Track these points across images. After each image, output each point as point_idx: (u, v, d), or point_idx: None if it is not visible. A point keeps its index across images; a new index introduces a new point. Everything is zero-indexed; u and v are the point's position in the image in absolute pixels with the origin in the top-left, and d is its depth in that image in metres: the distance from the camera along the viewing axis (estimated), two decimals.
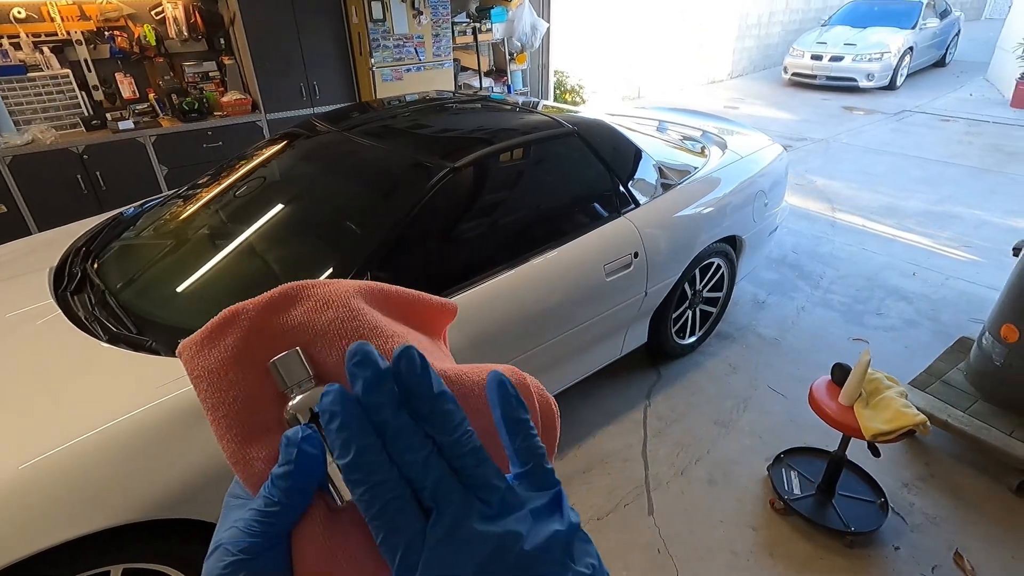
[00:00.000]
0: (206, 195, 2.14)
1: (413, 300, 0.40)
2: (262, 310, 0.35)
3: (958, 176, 5.20)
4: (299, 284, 0.36)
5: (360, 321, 0.35)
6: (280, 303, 0.35)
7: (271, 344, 0.34)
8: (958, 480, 2.14)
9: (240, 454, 0.32)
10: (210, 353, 0.34)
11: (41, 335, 1.58)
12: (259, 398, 0.33)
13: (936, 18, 9.44)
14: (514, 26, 5.25)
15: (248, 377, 0.33)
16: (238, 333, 0.34)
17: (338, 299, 0.36)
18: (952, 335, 2.80)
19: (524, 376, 0.36)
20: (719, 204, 2.52)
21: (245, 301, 0.35)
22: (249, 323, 0.34)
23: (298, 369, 0.32)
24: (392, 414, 0.26)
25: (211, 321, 0.35)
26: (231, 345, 0.34)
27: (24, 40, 3.46)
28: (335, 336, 0.34)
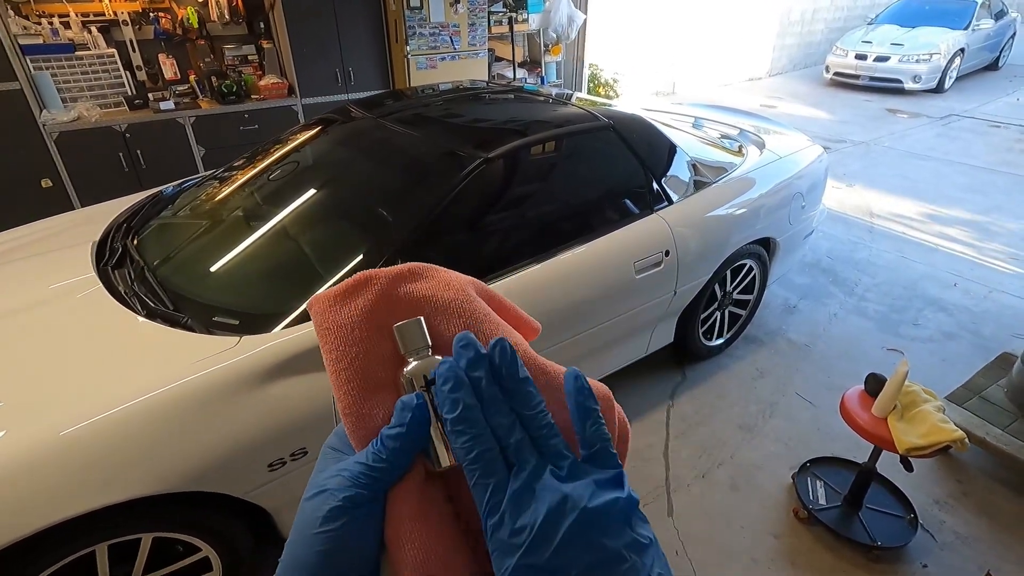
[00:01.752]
0: (242, 177, 2.17)
1: (508, 307, 0.43)
2: (393, 279, 0.38)
3: (1007, 185, 4.99)
4: (426, 265, 0.40)
5: (474, 306, 0.38)
6: (408, 276, 0.39)
7: (395, 310, 0.37)
8: (993, 500, 2.06)
9: (355, 407, 0.35)
10: (341, 310, 0.37)
11: (82, 307, 1.63)
12: (379, 357, 0.36)
13: (991, 19, 9.04)
14: (550, 17, 5.20)
15: (372, 336, 0.36)
16: (369, 295, 0.37)
17: (458, 284, 0.39)
18: (993, 350, 2.70)
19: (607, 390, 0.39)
20: (754, 205, 2.47)
21: (377, 269, 0.38)
22: (380, 288, 0.37)
23: (419, 336, 0.35)
24: (487, 386, 0.31)
25: (345, 281, 0.38)
26: (361, 305, 0.37)
27: (73, 19, 3.56)
28: (453, 314, 0.37)
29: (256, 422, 1.38)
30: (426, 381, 0.34)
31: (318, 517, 0.30)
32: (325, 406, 1.48)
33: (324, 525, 0.30)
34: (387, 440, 0.32)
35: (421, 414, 0.32)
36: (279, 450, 1.44)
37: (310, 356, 1.44)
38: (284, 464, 1.46)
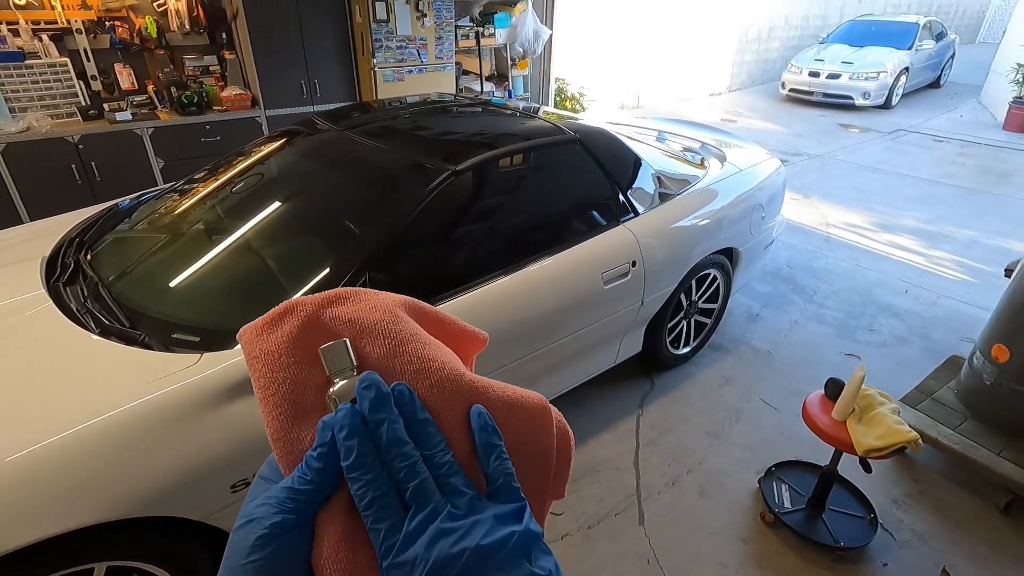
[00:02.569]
0: (203, 190, 2.12)
1: (447, 322, 0.44)
2: (319, 304, 0.39)
3: (951, 196, 5.27)
4: (353, 289, 0.40)
5: (400, 327, 0.38)
6: (334, 300, 0.39)
7: (322, 335, 0.38)
8: (947, 498, 2.15)
9: (283, 432, 0.35)
10: (268, 337, 0.38)
11: (31, 326, 1.55)
12: (307, 382, 0.37)
13: (932, 40, 9.58)
14: (517, 32, 5.26)
15: (299, 362, 0.37)
16: (295, 322, 0.38)
17: (385, 305, 0.40)
18: (943, 353, 2.83)
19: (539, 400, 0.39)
20: (717, 216, 2.54)
21: (304, 296, 0.39)
22: (306, 314, 0.38)
23: (343, 358, 0.36)
24: (390, 427, 0.32)
25: (272, 310, 0.39)
26: (287, 332, 0.38)
27: (23, 27, 3.43)
28: (380, 335, 0.38)
29: (218, 442, 1.34)
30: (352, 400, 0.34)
31: (246, 547, 0.30)
32: None
33: (252, 554, 0.30)
34: (311, 461, 0.32)
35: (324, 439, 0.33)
36: (242, 470, 1.39)
37: None
38: (248, 485, 1.41)
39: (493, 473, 0.34)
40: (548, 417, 0.39)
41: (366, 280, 1.60)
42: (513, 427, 0.37)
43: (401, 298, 0.41)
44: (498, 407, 0.37)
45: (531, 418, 0.38)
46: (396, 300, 0.41)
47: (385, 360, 0.37)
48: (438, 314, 0.43)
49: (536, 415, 0.38)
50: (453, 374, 0.37)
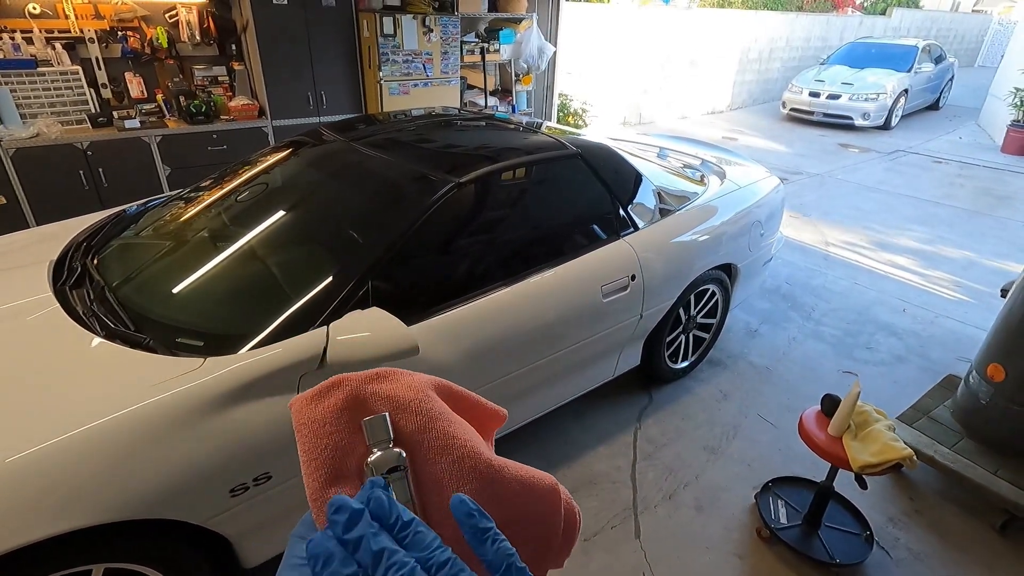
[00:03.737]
0: (209, 197, 2.15)
1: (473, 403, 0.48)
2: (362, 380, 0.43)
3: (949, 217, 5.31)
4: (392, 369, 0.45)
5: (431, 406, 0.42)
6: (375, 378, 0.43)
7: (364, 407, 0.42)
8: (943, 517, 2.15)
9: (321, 493, 0.38)
10: (316, 407, 0.42)
11: (37, 328, 1.57)
12: (347, 450, 0.40)
13: (931, 63, 9.70)
14: (522, 48, 5.34)
15: (342, 431, 0.41)
16: (340, 395, 0.42)
17: (418, 385, 0.44)
18: (940, 372, 2.84)
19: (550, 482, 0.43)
20: (716, 232, 2.56)
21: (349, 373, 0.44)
22: (351, 388, 0.42)
23: (382, 430, 0.40)
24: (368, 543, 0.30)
25: (321, 383, 0.43)
26: (334, 403, 0.42)
27: (37, 35, 3.50)
28: (413, 412, 0.41)
29: (219, 446, 1.35)
30: (386, 469, 0.38)
31: None
32: (290, 430, 1.45)
33: None
34: None
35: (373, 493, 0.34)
36: (242, 475, 1.40)
37: (276, 378, 1.43)
38: (247, 490, 1.42)
39: (494, 560, 0.33)
40: (557, 498, 0.43)
41: (368, 289, 1.62)
42: (524, 504, 0.41)
43: (432, 379, 0.46)
44: (511, 484, 0.41)
45: (541, 497, 0.42)
46: (428, 381, 0.45)
47: (416, 435, 0.41)
48: (463, 393, 0.48)
49: (546, 495, 0.42)
50: (473, 452, 0.41)
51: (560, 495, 0.43)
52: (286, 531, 1.60)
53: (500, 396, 1.97)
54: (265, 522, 1.53)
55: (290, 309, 1.56)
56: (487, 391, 1.89)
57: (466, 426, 0.44)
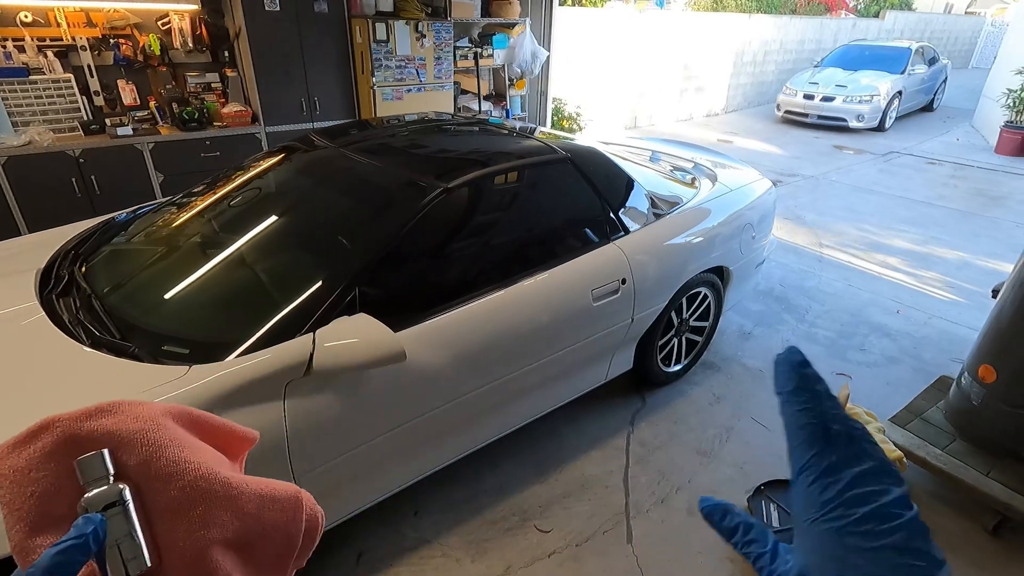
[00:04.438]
0: (200, 204, 2.15)
1: (218, 426, 0.48)
2: (75, 418, 0.41)
3: (943, 218, 5.32)
4: (115, 401, 0.43)
5: (159, 434, 0.41)
6: (94, 414, 0.41)
7: (79, 448, 0.39)
8: (935, 518, 2.14)
9: (24, 544, 0.37)
10: (20, 455, 0.39)
11: (22, 337, 1.57)
12: (57, 494, 0.38)
13: (924, 65, 9.75)
14: (515, 53, 5.36)
15: (49, 476, 0.39)
16: (49, 439, 0.39)
17: (148, 415, 0.42)
18: (933, 373, 2.84)
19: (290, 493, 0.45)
20: (707, 235, 2.57)
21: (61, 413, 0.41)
22: (61, 430, 0.40)
23: (99, 467, 0.38)
24: None
25: (27, 428, 0.40)
26: (40, 448, 0.39)
27: (28, 43, 3.50)
28: (137, 443, 0.40)
29: None
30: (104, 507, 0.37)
31: None
32: (276, 438, 1.45)
33: None
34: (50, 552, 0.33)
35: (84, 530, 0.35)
36: None
37: (262, 386, 1.42)
38: None
39: None
40: (299, 508, 0.44)
41: (356, 295, 1.62)
42: (263, 517, 0.42)
43: (169, 407, 0.44)
44: (250, 500, 0.41)
45: (281, 509, 0.43)
46: (162, 409, 0.44)
47: (143, 466, 0.39)
48: (209, 419, 0.47)
49: (287, 506, 0.44)
50: (207, 473, 0.41)
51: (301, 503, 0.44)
52: None
53: (491, 401, 1.96)
54: None
55: (277, 316, 1.56)
56: (477, 396, 1.89)
57: (203, 449, 0.43)
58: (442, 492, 2.16)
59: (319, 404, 1.52)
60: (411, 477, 1.90)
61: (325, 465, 1.58)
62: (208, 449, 0.44)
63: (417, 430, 1.78)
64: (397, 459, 1.80)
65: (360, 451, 1.65)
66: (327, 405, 1.53)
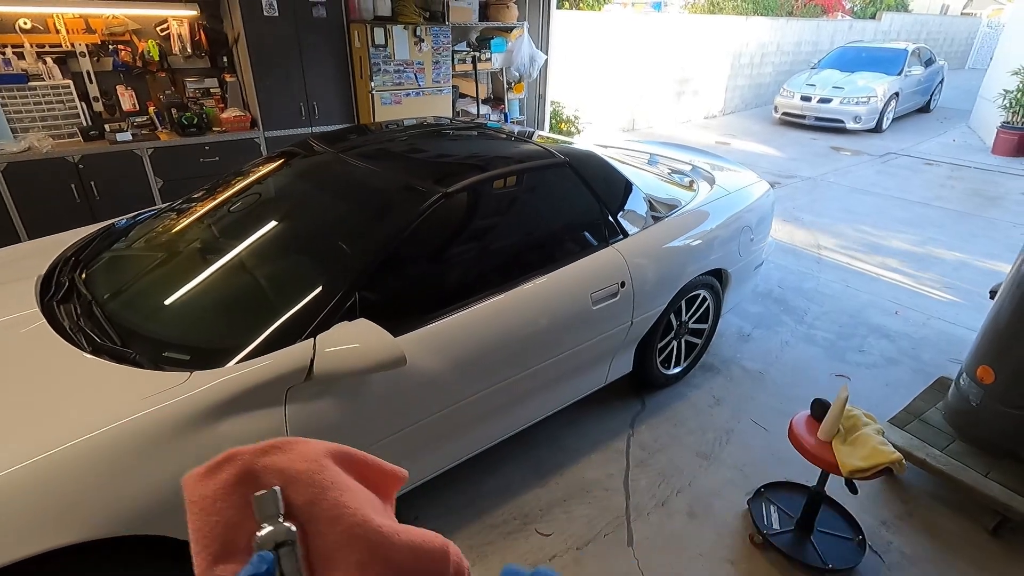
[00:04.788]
0: (200, 209, 2.16)
1: (371, 465, 0.50)
2: (255, 453, 0.44)
3: (940, 218, 5.34)
4: (287, 439, 0.46)
5: (323, 476, 0.44)
6: (269, 450, 0.44)
7: (256, 482, 0.42)
8: (935, 519, 2.15)
9: (207, 571, 0.40)
10: (207, 484, 0.43)
11: (23, 344, 1.57)
12: (238, 526, 0.41)
13: (921, 66, 9.78)
14: (513, 57, 5.38)
15: (232, 508, 0.42)
16: (232, 470, 0.43)
17: (313, 454, 0.45)
18: (932, 374, 2.85)
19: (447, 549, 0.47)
20: (706, 237, 2.57)
21: (243, 446, 0.44)
22: (242, 463, 0.43)
23: (272, 506, 0.41)
24: None
25: (213, 459, 0.44)
26: (225, 479, 0.43)
27: (28, 50, 3.51)
28: (304, 483, 0.43)
29: (206, 460, 1.34)
30: (274, 545, 0.39)
31: None
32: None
33: None
34: None
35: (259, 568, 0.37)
36: None
37: (263, 392, 1.43)
38: None
39: None
40: (447, 560, 0.46)
41: (356, 301, 1.62)
42: (414, 566, 0.44)
43: (329, 446, 0.47)
44: (402, 551, 0.43)
45: (431, 559, 0.45)
46: (324, 449, 0.46)
47: (308, 507, 0.42)
48: (363, 458, 0.50)
49: (436, 557, 0.46)
50: (363, 520, 0.43)
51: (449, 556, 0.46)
52: None
53: (491, 405, 1.97)
54: None
55: (277, 322, 1.56)
56: (477, 401, 1.89)
57: (361, 493, 0.46)
58: (442, 497, 2.16)
59: (320, 409, 1.52)
60: (412, 482, 1.90)
61: None
62: (364, 493, 0.46)
63: (417, 435, 1.78)
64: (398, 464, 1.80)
65: None
66: (328, 410, 1.54)
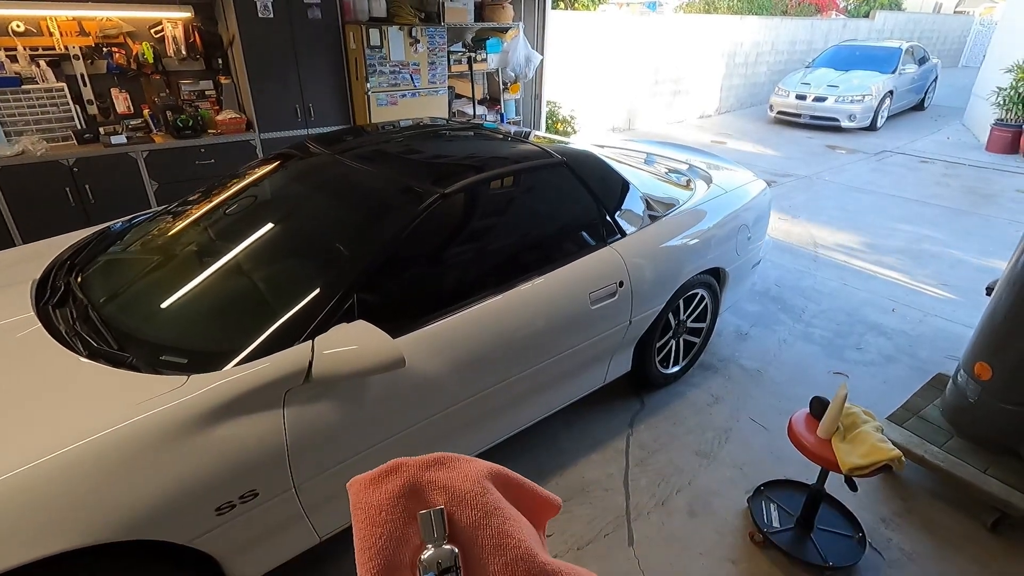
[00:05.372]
0: (196, 212, 2.15)
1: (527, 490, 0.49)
2: (420, 466, 0.43)
3: (936, 216, 5.36)
4: (451, 455, 0.45)
5: (487, 499, 0.43)
6: (434, 464, 0.44)
7: (420, 496, 0.42)
8: (935, 516, 2.15)
9: None
10: (374, 492, 0.42)
11: (19, 348, 1.56)
12: (402, 540, 0.41)
13: (915, 64, 9.82)
14: (509, 57, 5.37)
15: (397, 520, 0.41)
16: (398, 481, 0.42)
17: (476, 474, 0.44)
18: (929, 371, 2.85)
19: None
20: (703, 236, 2.58)
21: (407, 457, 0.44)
22: (409, 475, 0.43)
23: (438, 526, 0.40)
24: None
25: (379, 467, 0.43)
26: (391, 489, 0.42)
27: (21, 53, 3.49)
28: (469, 505, 0.42)
29: (203, 464, 1.34)
30: (439, 569, 0.39)
31: None
32: (276, 447, 1.45)
33: None
34: None
35: None
36: (228, 493, 1.39)
37: (261, 394, 1.42)
38: (233, 507, 1.41)
39: None
40: None
41: (354, 302, 1.62)
42: None
43: (488, 466, 0.46)
44: None
45: None
46: (484, 469, 0.46)
47: (471, 530, 0.41)
48: (519, 481, 0.49)
49: None
50: (527, 554, 0.41)
51: None
52: (274, 548, 1.59)
53: (490, 406, 1.96)
54: (253, 539, 1.51)
55: (275, 324, 1.56)
56: (476, 402, 1.89)
57: (521, 522, 0.44)
58: None
59: (319, 412, 1.52)
60: None
61: (326, 473, 1.58)
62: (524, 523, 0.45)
63: (416, 437, 1.77)
64: None
65: (360, 458, 1.65)
66: (327, 413, 1.53)
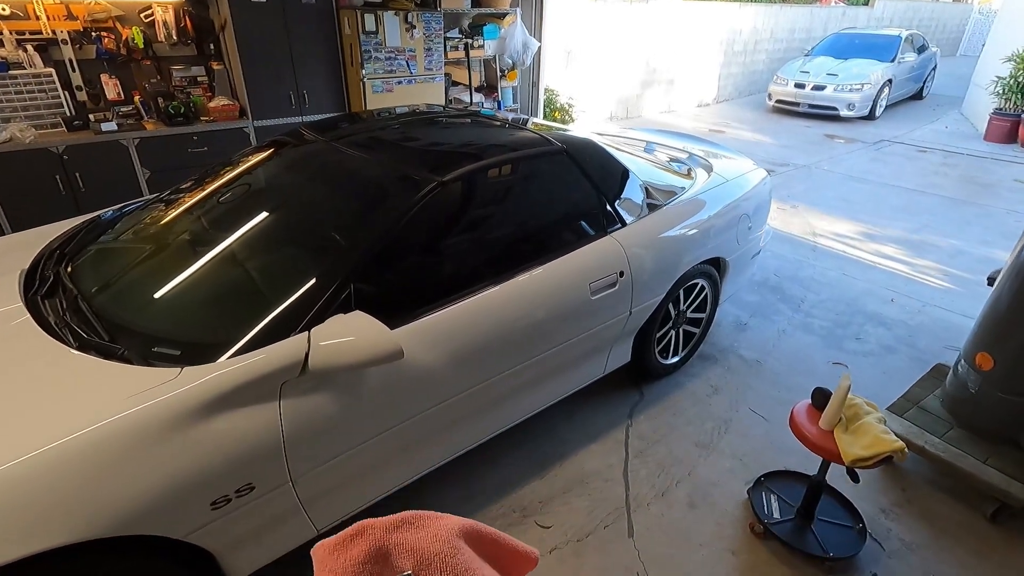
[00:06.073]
0: (188, 200, 2.10)
1: (503, 545, 0.49)
2: (387, 528, 0.43)
3: (934, 206, 5.34)
4: (420, 513, 0.45)
5: (457, 559, 0.43)
6: (401, 524, 0.44)
7: (387, 560, 0.42)
8: (934, 507, 2.15)
9: None
10: (339, 557, 0.42)
11: (7, 340, 1.52)
12: None
13: (914, 53, 9.76)
14: (506, 44, 5.30)
15: None
16: (364, 545, 0.42)
17: (446, 534, 0.44)
18: (928, 362, 2.85)
19: None
20: (704, 226, 2.55)
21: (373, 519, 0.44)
22: (374, 538, 0.43)
23: None
24: None
25: (344, 530, 0.43)
26: (356, 555, 0.42)
27: (7, 37, 3.40)
28: (438, 568, 0.42)
29: (198, 458, 1.31)
30: None
31: None
32: (272, 440, 1.42)
33: None
34: None
35: None
36: (223, 487, 1.37)
37: (256, 387, 1.39)
38: (229, 502, 1.38)
39: None
40: None
41: (351, 292, 1.58)
42: None
43: (461, 524, 0.46)
44: None
45: None
46: (455, 527, 0.45)
47: None
48: (495, 536, 0.49)
49: None
50: None
51: None
52: (270, 542, 1.57)
53: (489, 398, 1.94)
54: (249, 534, 1.49)
55: (270, 314, 1.52)
56: (476, 393, 1.87)
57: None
58: (440, 490, 2.14)
59: (315, 404, 1.49)
60: (410, 476, 1.88)
61: (323, 466, 1.55)
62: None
63: (415, 428, 1.75)
64: (395, 458, 1.78)
65: (358, 451, 1.62)
66: (323, 405, 1.50)
